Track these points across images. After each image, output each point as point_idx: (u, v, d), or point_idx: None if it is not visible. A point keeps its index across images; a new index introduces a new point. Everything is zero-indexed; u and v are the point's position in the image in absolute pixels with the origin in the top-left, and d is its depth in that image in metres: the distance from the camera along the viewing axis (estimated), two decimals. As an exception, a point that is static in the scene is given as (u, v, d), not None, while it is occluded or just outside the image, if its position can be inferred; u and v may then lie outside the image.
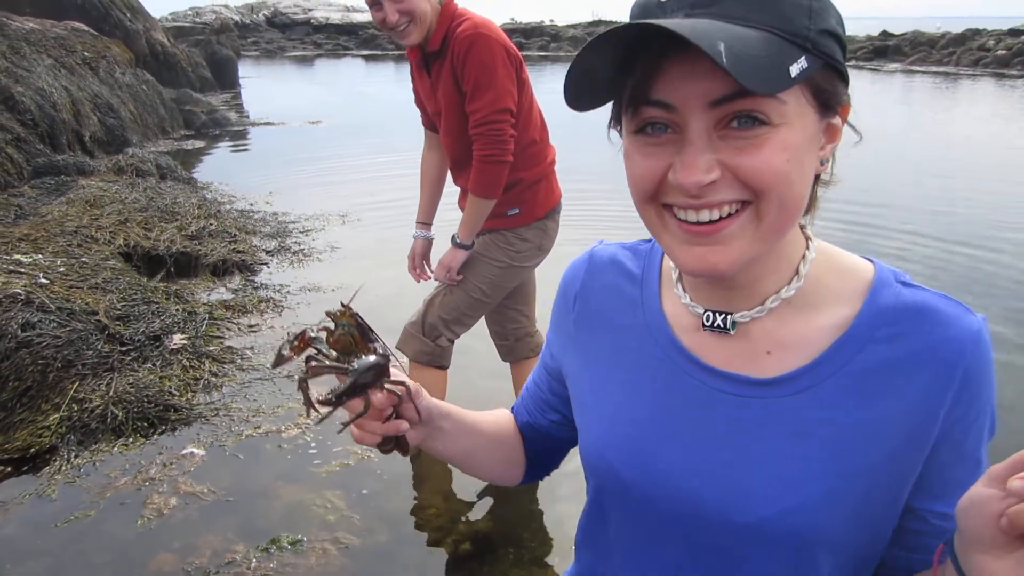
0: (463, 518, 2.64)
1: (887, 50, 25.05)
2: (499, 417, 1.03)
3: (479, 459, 0.98)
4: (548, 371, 0.99)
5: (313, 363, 0.81)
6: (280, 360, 0.82)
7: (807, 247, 0.74)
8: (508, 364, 3.02)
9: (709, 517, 0.74)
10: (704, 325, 0.77)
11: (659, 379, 0.79)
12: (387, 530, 2.54)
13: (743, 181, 0.63)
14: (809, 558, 0.71)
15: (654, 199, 0.68)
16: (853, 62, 23.22)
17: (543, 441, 1.02)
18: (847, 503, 0.69)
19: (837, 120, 0.68)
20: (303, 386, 0.82)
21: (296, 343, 0.81)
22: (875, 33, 28.21)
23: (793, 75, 0.59)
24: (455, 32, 2.34)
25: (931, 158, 9.29)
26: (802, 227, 0.75)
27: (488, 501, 2.73)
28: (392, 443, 0.87)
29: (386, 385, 0.80)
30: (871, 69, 23.02)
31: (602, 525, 0.88)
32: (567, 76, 0.63)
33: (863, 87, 17.73)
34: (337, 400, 0.75)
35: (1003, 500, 0.55)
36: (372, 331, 0.83)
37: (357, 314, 0.82)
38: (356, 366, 0.75)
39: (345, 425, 0.80)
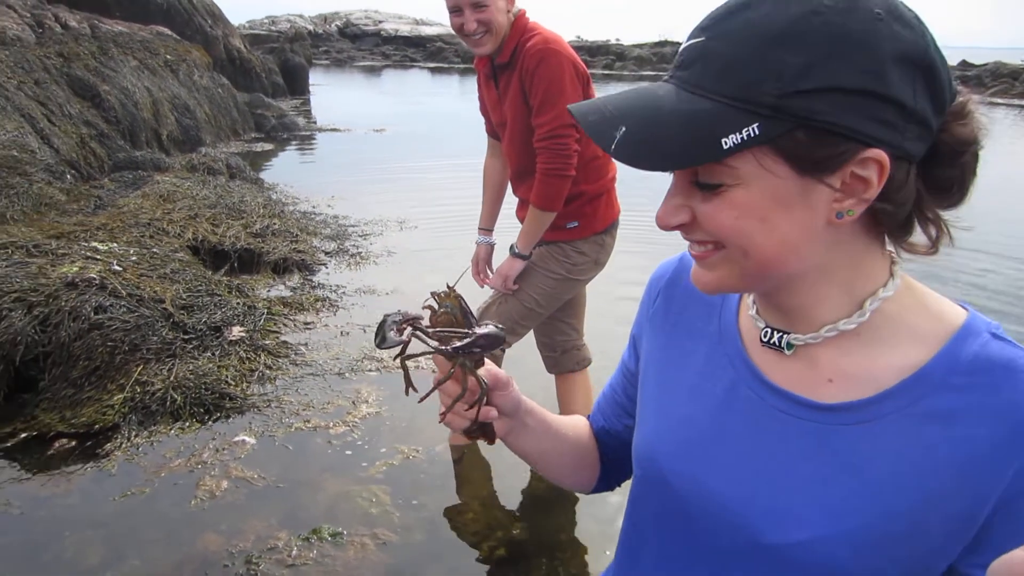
0: (500, 524, 2.66)
1: (967, 80, 24.34)
2: (577, 423, 1.05)
3: (556, 461, 1.00)
4: (625, 375, 1.01)
5: (418, 332, 0.82)
6: (385, 341, 0.81)
7: (887, 283, 0.73)
8: (554, 377, 3.04)
9: (741, 531, 0.74)
10: (762, 340, 0.78)
11: (721, 387, 0.80)
12: (425, 530, 2.59)
13: (703, 227, 0.70)
14: None
15: None
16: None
17: (618, 447, 1.03)
18: (885, 543, 0.68)
19: (868, 172, 0.64)
20: (404, 364, 0.84)
21: (402, 323, 0.82)
22: (954, 62, 27.41)
23: (726, 147, 0.62)
24: (525, 46, 2.39)
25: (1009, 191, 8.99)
26: (893, 261, 0.74)
27: (526, 509, 2.76)
28: (479, 430, 0.90)
29: (479, 371, 0.83)
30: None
31: (639, 524, 0.90)
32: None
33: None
34: (455, 350, 0.78)
35: None
36: (473, 315, 0.86)
37: (461, 296, 0.84)
38: (469, 335, 0.79)
39: (443, 414, 0.85)
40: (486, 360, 0.86)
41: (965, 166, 0.69)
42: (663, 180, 0.72)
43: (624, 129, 0.64)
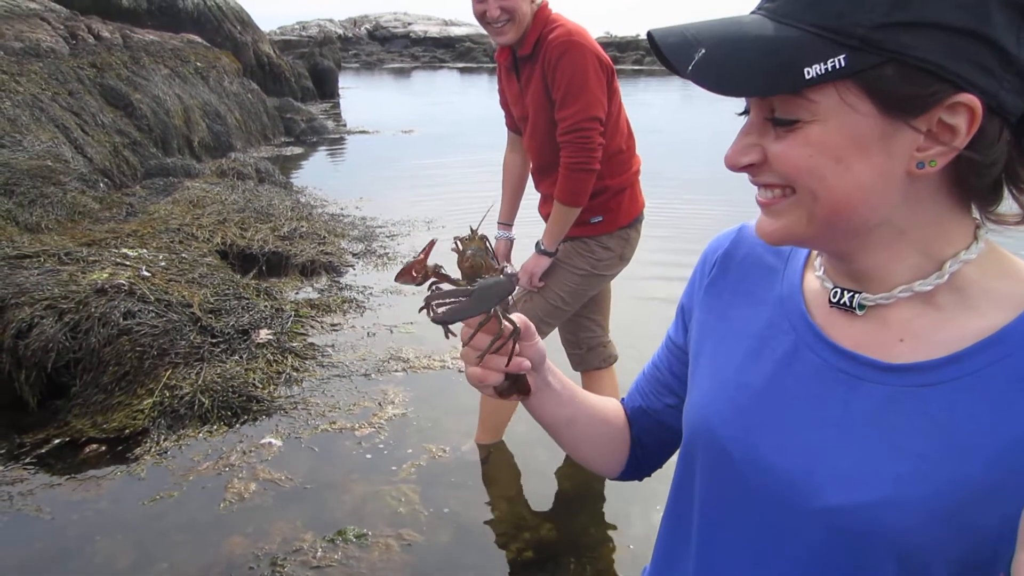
0: (528, 525, 2.63)
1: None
2: (607, 400, 1.02)
3: (581, 432, 0.97)
4: (670, 349, 0.98)
5: (438, 286, 0.81)
6: (403, 274, 0.80)
7: (969, 247, 0.69)
8: (579, 375, 3.00)
9: (799, 496, 0.71)
10: (831, 301, 0.75)
11: (781, 351, 0.78)
12: (451, 531, 2.56)
13: (774, 168, 0.67)
14: (912, 562, 0.67)
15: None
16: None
17: (654, 429, 0.99)
18: (955, 512, 0.64)
19: (958, 119, 0.61)
20: (429, 307, 0.81)
21: (422, 255, 0.80)
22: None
23: (808, 76, 0.60)
24: (547, 37, 2.35)
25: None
26: (977, 226, 0.70)
27: (554, 510, 2.72)
28: (513, 385, 0.86)
29: (504, 318, 0.80)
30: None
31: (684, 498, 0.87)
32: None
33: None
34: (463, 308, 0.75)
35: None
36: (497, 259, 0.83)
37: (486, 237, 0.82)
38: (479, 284, 0.75)
39: (474, 370, 0.81)
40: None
41: None
42: (683, 175, 0.68)
43: (704, 51, 0.62)
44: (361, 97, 19.31)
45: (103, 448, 2.96)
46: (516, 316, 0.82)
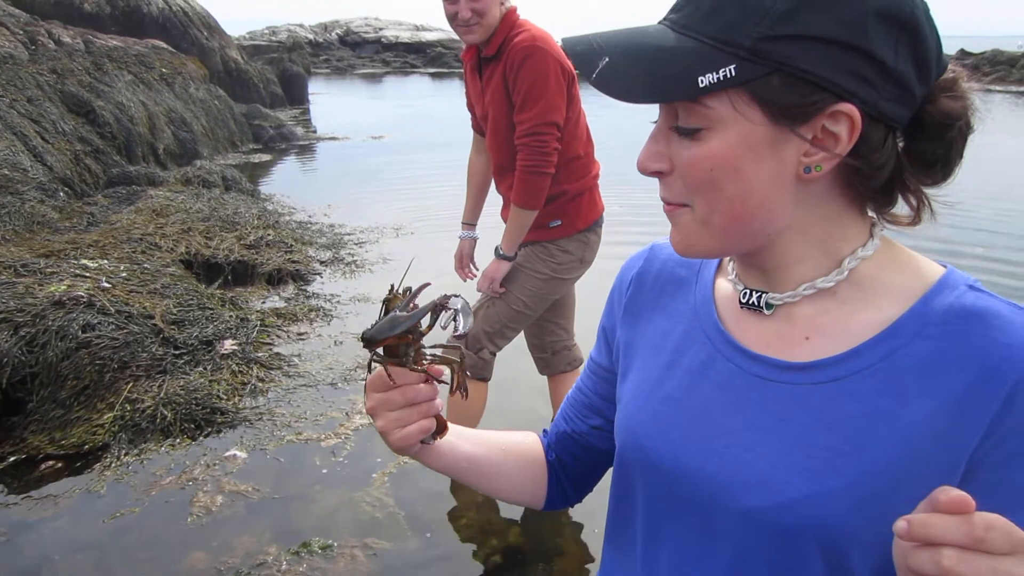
0: (496, 530, 2.62)
1: (964, 67, 24.15)
2: (515, 433, 1.01)
3: (486, 469, 0.95)
4: (595, 371, 0.99)
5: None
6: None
7: (866, 244, 0.73)
8: (546, 379, 3.00)
9: (724, 501, 0.73)
10: (741, 302, 0.78)
11: (698, 360, 0.80)
12: (418, 538, 2.54)
13: (681, 176, 0.69)
14: (835, 554, 0.69)
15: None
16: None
17: (581, 454, 1.00)
18: (873, 501, 0.67)
19: (839, 127, 0.64)
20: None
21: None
22: (952, 51, 27.23)
23: (702, 85, 0.63)
24: (512, 41, 2.38)
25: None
26: (873, 224, 0.74)
27: (522, 515, 2.71)
28: (438, 426, 0.85)
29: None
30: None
31: (625, 510, 0.88)
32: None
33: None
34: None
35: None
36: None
37: (410, 289, 0.82)
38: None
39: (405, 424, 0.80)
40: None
41: (951, 143, 0.68)
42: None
43: (607, 60, 0.66)
44: (331, 103, 19.16)
45: (59, 465, 2.90)
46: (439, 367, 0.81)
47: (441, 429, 0.86)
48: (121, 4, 12.20)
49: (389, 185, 8.57)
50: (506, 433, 1.00)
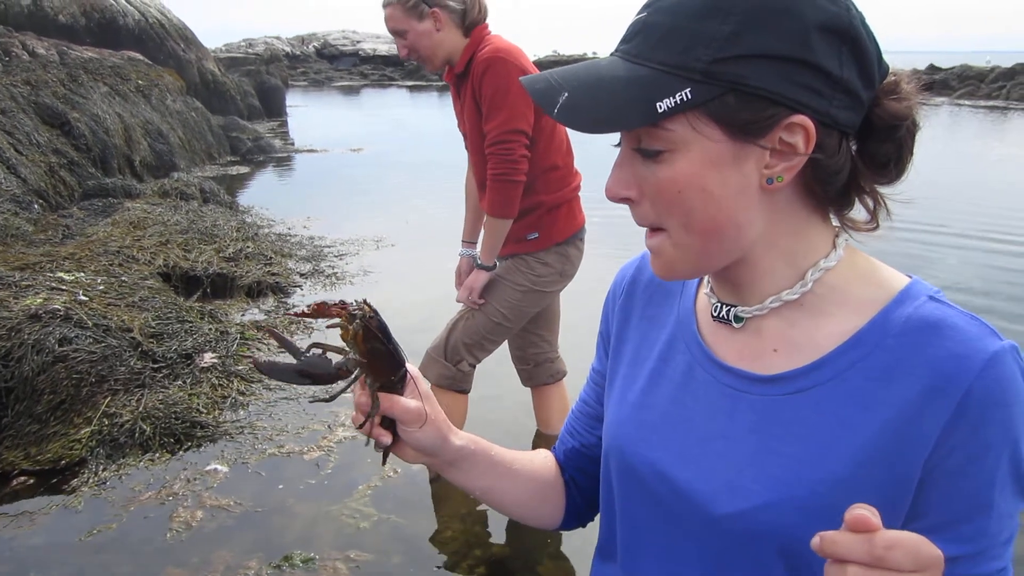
0: (480, 542, 2.61)
1: (934, 84, 24.71)
2: (535, 457, 1.01)
3: (506, 498, 0.96)
4: (596, 382, 1.00)
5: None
6: (318, 309, 0.81)
7: (828, 255, 0.75)
8: (530, 390, 3.01)
9: (697, 509, 0.76)
10: (713, 315, 0.81)
11: (679, 370, 0.83)
12: (402, 551, 2.53)
13: (651, 201, 0.71)
14: (796, 560, 0.71)
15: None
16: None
17: (590, 467, 0.99)
18: (834, 508, 0.67)
19: (795, 138, 0.67)
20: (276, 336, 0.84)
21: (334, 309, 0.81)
22: (922, 67, 27.81)
23: (661, 110, 0.65)
24: (477, 56, 2.42)
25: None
26: (836, 234, 0.76)
27: (506, 527, 2.71)
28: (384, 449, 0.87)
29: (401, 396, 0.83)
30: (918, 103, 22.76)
31: (609, 517, 0.91)
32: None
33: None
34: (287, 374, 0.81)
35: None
36: (384, 340, 0.81)
37: (367, 327, 0.81)
38: (306, 360, 0.81)
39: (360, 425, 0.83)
40: (412, 392, 0.84)
41: (901, 142, 0.72)
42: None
43: (567, 94, 0.68)
44: (309, 115, 19.11)
45: (32, 480, 2.85)
46: (405, 403, 0.82)
47: (383, 456, 0.88)
48: (96, 16, 12.11)
49: (368, 197, 8.57)
50: (525, 456, 1.00)
